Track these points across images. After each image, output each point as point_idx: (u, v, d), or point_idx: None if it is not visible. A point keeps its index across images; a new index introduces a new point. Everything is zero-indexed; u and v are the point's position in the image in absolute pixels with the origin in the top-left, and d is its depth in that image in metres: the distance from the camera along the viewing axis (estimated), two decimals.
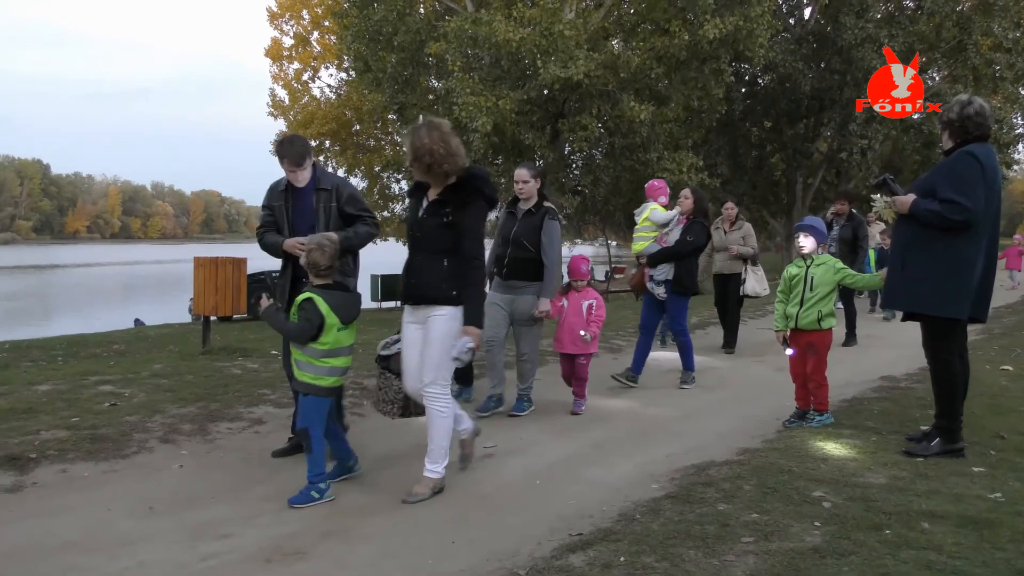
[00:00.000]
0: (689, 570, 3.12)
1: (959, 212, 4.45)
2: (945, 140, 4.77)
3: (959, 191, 4.47)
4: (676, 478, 4.46)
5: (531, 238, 6.17)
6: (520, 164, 6.44)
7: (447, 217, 4.30)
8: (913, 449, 4.75)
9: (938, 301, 4.58)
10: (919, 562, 3.10)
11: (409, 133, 4.34)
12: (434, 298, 4.34)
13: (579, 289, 6.38)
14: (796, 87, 25.00)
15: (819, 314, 5.49)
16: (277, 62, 34.40)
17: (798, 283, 5.59)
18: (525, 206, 6.31)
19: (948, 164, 4.64)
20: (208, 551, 3.73)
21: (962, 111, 4.65)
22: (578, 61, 17.94)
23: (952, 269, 4.53)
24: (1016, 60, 23.76)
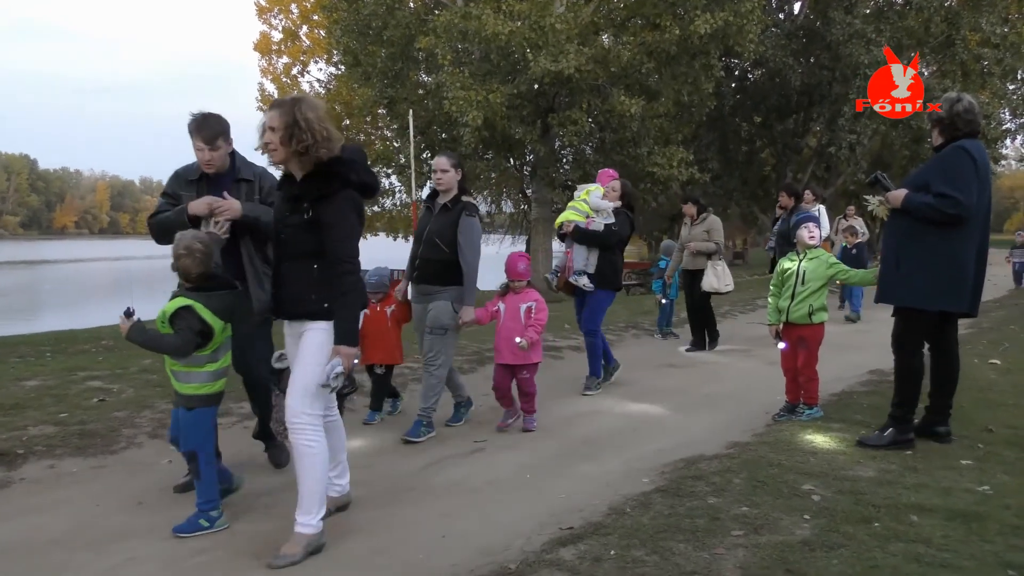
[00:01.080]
0: (679, 563, 3.13)
1: (953, 206, 4.49)
2: (935, 137, 4.82)
3: (953, 185, 4.50)
4: (666, 472, 4.47)
5: (445, 236, 5.47)
6: (440, 152, 5.81)
7: (308, 213, 3.57)
8: (866, 439, 4.83)
9: (933, 295, 4.61)
10: (908, 555, 3.12)
11: (281, 106, 3.56)
12: (305, 312, 3.65)
13: (517, 290, 5.74)
14: (786, 82, 25.05)
15: (810, 308, 5.47)
16: (266, 56, 34.26)
17: (790, 277, 5.59)
18: (443, 199, 5.64)
19: (941, 159, 4.68)
20: (198, 547, 3.72)
21: (952, 108, 4.70)
22: (568, 55, 17.91)
23: (946, 263, 4.57)
24: (1004, 56, 23.86)
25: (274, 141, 3.53)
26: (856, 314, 11.93)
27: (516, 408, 5.83)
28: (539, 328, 5.67)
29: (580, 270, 6.95)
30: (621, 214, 7.04)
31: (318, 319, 3.62)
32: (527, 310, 5.69)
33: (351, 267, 3.61)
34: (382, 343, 6.04)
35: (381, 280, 6.16)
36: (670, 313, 10.87)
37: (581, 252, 6.94)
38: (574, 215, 7.05)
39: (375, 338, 5.96)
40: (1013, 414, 5.47)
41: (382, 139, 31.31)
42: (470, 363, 8.04)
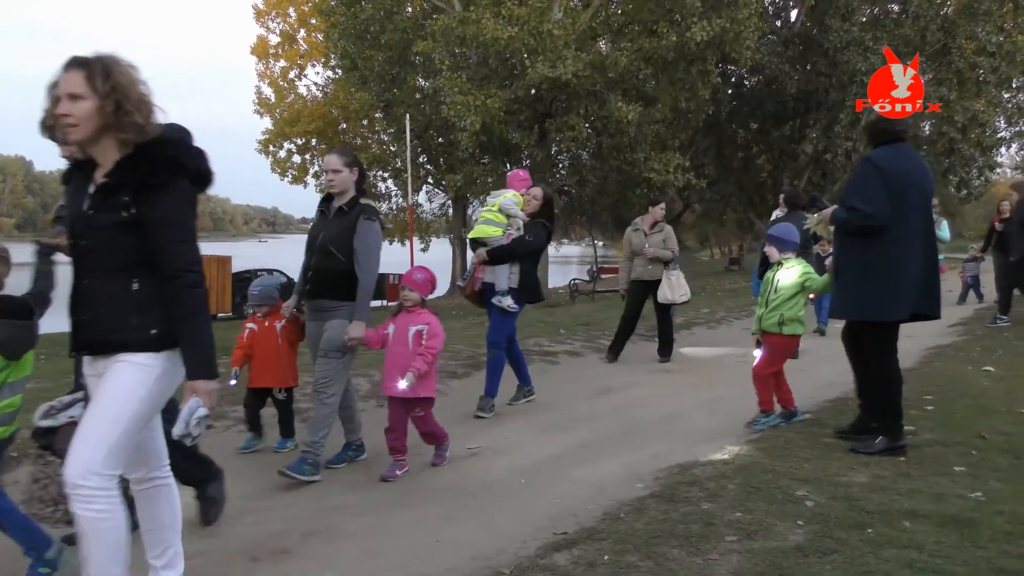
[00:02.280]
0: (673, 569, 3.13)
1: (860, 218, 4.67)
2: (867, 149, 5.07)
3: (858, 197, 4.71)
4: (661, 477, 4.48)
5: (341, 243, 4.78)
6: (333, 149, 5.06)
7: (127, 211, 2.67)
8: (858, 447, 4.82)
9: (871, 306, 4.73)
10: (901, 561, 3.12)
11: (86, 66, 2.63)
12: (120, 343, 2.72)
13: (409, 307, 4.82)
14: (782, 89, 25.14)
15: (781, 317, 5.48)
16: (263, 59, 34.31)
17: (768, 287, 5.65)
18: (339, 202, 4.94)
19: (855, 171, 4.96)
20: (192, 550, 3.70)
21: (867, 118, 5.01)
22: (566, 61, 17.97)
23: (878, 272, 4.66)
24: (999, 64, 23.97)
25: (76, 113, 2.61)
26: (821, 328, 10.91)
27: (406, 459, 4.86)
28: (429, 358, 4.65)
29: (504, 290, 6.32)
30: (537, 224, 6.47)
31: (137, 350, 2.71)
32: (416, 335, 4.71)
33: (196, 278, 2.71)
34: (274, 364, 5.30)
35: (266, 292, 5.43)
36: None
37: (503, 270, 6.33)
38: (492, 230, 6.38)
39: (265, 359, 5.30)
40: (1006, 421, 5.48)
41: (379, 143, 31.37)
42: (464, 368, 8.04)
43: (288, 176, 33.62)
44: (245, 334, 5.39)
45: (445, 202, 32.16)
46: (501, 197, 6.52)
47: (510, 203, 6.41)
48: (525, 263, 6.43)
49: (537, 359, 8.77)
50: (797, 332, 5.51)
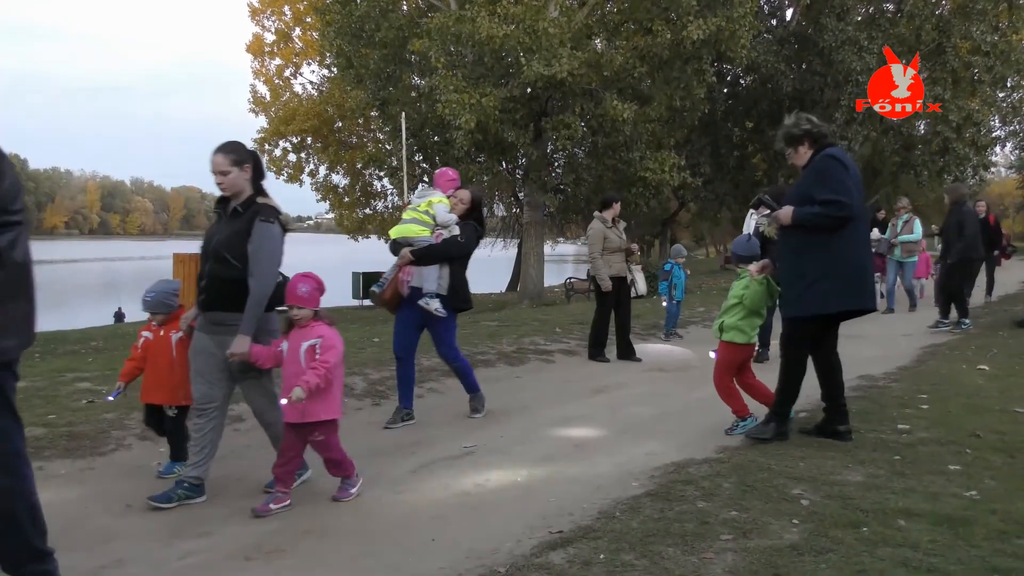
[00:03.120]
0: (668, 567, 3.13)
1: (839, 209, 4.76)
2: (802, 153, 5.08)
3: (834, 190, 4.78)
4: (656, 476, 4.48)
5: (235, 248, 4.30)
6: (217, 147, 4.44)
7: None
8: (753, 432, 5.14)
9: (842, 297, 4.89)
10: (895, 559, 3.13)
11: None
12: None
13: (300, 322, 4.28)
14: (778, 88, 25.16)
15: (722, 324, 5.52)
16: (258, 58, 34.20)
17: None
18: (236, 202, 4.45)
19: (815, 170, 4.95)
20: (187, 549, 3.71)
21: (811, 122, 5.08)
22: (561, 59, 17.94)
23: (849, 265, 4.86)
24: (994, 63, 24.02)
25: None
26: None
27: (288, 494, 4.29)
28: (321, 371, 4.13)
29: (432, 292, 5.93)
30: (469, 226, 6.14)
31: None
32: (309, 350, 4.21)
33: None
34: (167, 379, 4.73)
35: (160, 297, 4.82)
36: (676, 314, 10.87)
37: (431, 271, 5.95)
38: (419, 229, 5.99)
39: (157, 372, 4.76)
40: (1000, 419, 5.50)
41: (374, 141, 31.30)
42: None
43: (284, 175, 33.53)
44: (140, 343, 4.87)
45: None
46: (428, 199, 6.11)
47: (444, 211, 6.05)
48: (455, 266, 6.08)
49: (533, 357, 8.77)
50: (736, 340, 5.45)
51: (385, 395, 6.83)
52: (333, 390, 4.27)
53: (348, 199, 33.33)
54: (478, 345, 9.14)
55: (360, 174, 32.37)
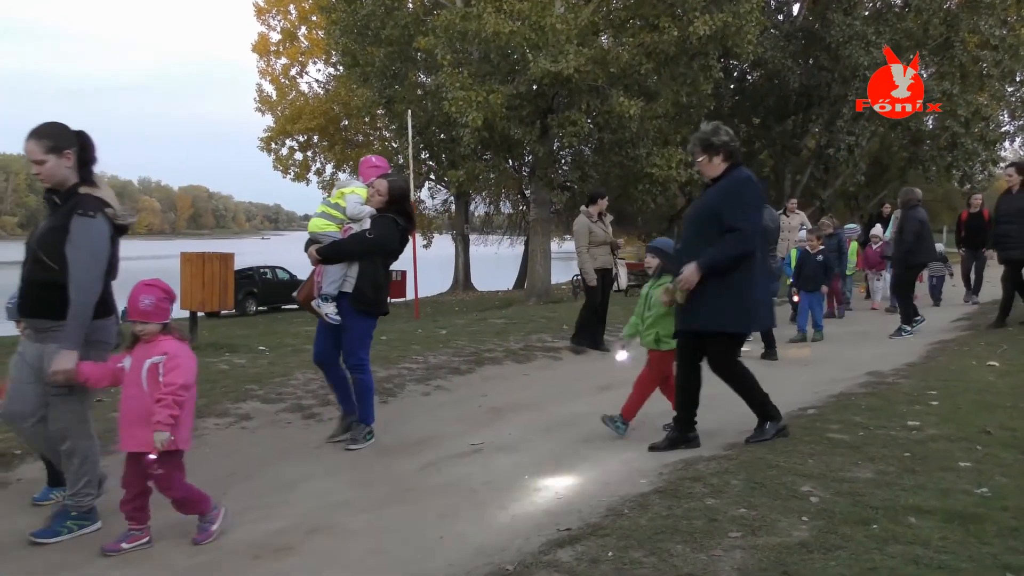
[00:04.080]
0: (677, 564, 3.12)
1: (745, 241, 4.63)
2: (716, 164, 4.81)
3: (745, 216, 4.64)
4: (664, 473, 4.46)
5: (50, 247, 3.77)
6: (29, 133, 3.87)
7: None
8: (752, 438, 5.01)
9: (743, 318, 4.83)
10: (906, 557, 3.11)
11: None
12: None
13: (146, 337, 3.70)
14: (784, 84, 25.08)
15: (657, 335, 5.36)
16: (264, 57, 34.30)
17: (643, 300, 5.53)
18: (60, 194, 3.89)
19: (732, 188, 4.74)
20: (196, 548, 3.71)
21: (730, 136, 4.84)
22: (568, 56, 17.92)
23: (750, 284, 4.73)
24: (1003, 58, 23.88)
25: None
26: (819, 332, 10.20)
27: (144, 529, 3.80)
28: (168, 401, 3.57)
29: (327, 293, 5.36)
30: (386, 220, 5.42)
31: None
32: (152, 370, 3.64)
33: None
34: None
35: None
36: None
37: (336, 269, 5.38)
38: (326, 224, 5.50)
39: None
40: (1011, 416, 5.46)
41: (381, 140, 31.38)
42: (468, 363, 8.02)
43: (290, 173, 33.64)
44: None
45: (447, 198, 32.18)
46: (340, 193, 5.60)
47: (355, 203, 5.47)
48: (367, 265, 5.37)
49: (540, 355, 8.76)
50: (673, 347, 5.33)
51: (392, 392, 6.83)
52: (183, 419, 3.68)
53: None
54: (485, 342, 9.14)
55: None
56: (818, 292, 10.05)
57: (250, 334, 12.17)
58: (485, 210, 34.94)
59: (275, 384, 6.87)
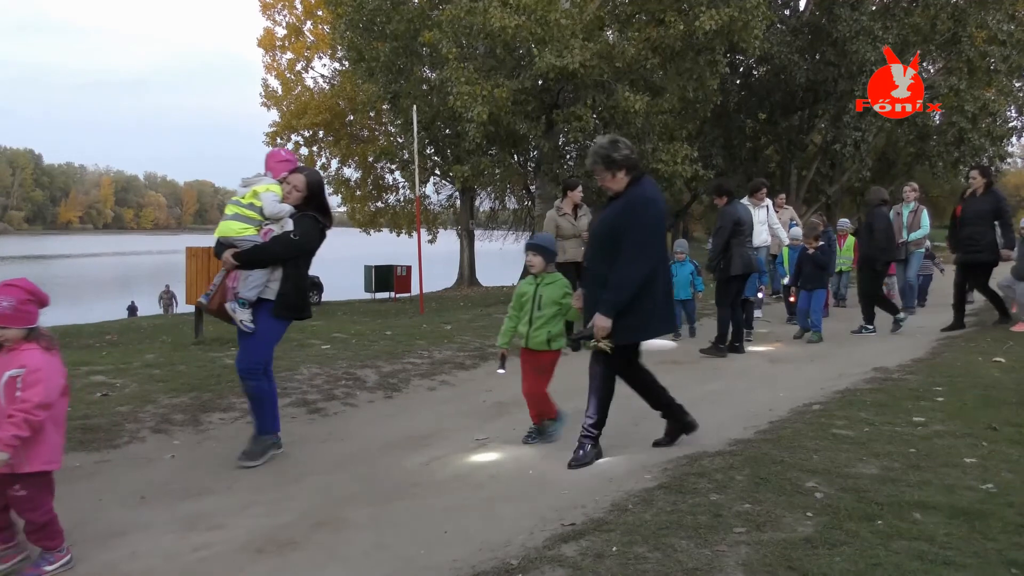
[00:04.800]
0: (681, 560, 3.12)
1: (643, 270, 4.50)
2: (619, 179, 4.65)
3: (644, 242, 4.52)
4: (669, 468, 4.46)
5: None
6: None
7: None
8: (574, 460, 4.80)
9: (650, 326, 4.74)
10: (911, 552, 3.10)
11: None
12: None
13: (8, 346, 3.40)
14: (791, 79, 25.00)
15: (548, 335, 5.22)
16: (270, 52, 34.29)
17: (527, 302, 5.27)
18: None
19: (635, 208, 4.58)
20: (200, 541, 3.72)
21: (630, 149, 4.69)
22: (573, 50, 17.90)
23: (652, 295, 4.64)
24: (1010, 53, 23.77)
25: None
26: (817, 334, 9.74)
27: (13, 545, 3.55)
28: (19, 419, 3.24)
29: (245, 298, 4.90)
30: (306, 218, 5.04)
31: None
32: (8, 383, 3.32)
33: None
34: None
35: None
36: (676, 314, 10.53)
37: (259, 274, 4.94)
38: (242, 227, 4.97)
39: None
40: (1017, 412, 5.44)
41: (386, 135, 31.38)
42: (472, 359, 8.03)
43: None
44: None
45: (452, 193, 32.17)
46: (253, 188, 5.06)
47: (272, 202, 5.00)
48: (291, 269, 5.00)
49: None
50: (562, 346, 5.32)
51: (397, 388, 6.84)
52: (45, 435, 3.37)
53: (360, 193, 33.41)
54: (490, 338, 9.14)
55: (372, 167, 32.45)
56: (818, 291, 9.85)
57: None
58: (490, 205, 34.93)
59: (280, 379, 6.87)
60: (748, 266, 8.73)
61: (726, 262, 8.68)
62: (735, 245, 8.69)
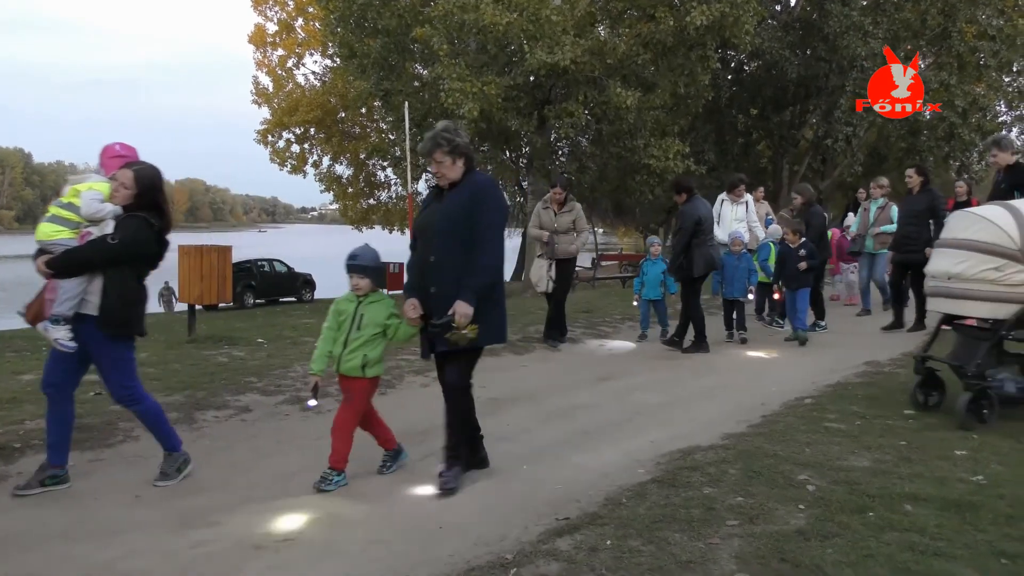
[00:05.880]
0: (675, 553, 3.14)
1: (500, 253, 4.39)
2: (459, 166, 4.36)
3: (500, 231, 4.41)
4: (662, 463, 4.49)
5: None
6: None
7: None
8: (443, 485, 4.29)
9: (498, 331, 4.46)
10: (902, 544, 3.14)
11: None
12: None
13: None
14: (782, 74, 25.02)
15: (364, 359, 4.49)
16: (261, 48, 34.13)
17: (345, 320, 4.59)
18: None
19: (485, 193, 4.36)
20: (197, 538, 3.73)
21: (467, 138, 4.46)
22: (564, 47, 17.89)
23: (497, 299, 4.45)
24: (1000, 48, 23.84)
25: None
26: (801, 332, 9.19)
27: None
28: None
29: (58, 314, 4.27)
30: (133, 220, 4.36)
31: None
32: None
33: None
34: None
35: None
36: (646, 314, 9.80)
37: (72, 285, 4.30)
38: (55, 230, 4.42)
39: None
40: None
41: (378, 131, 31.28)
42: None
43: (287, 166, 33.49)
44: None
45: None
46: (73, 190, 4.53)
47: (92, 201, 4.45)
48: (113, 278, 4.33)
49: (538, 346, 8.78)
50: (379, 373, 4.65)
51: (391, 384, 6.85)
52: None
53: (352, 190, 33.31)
54: None
55: (364, 164, 32.35)
56: (802, 290, 9.27)
57: (248, 327, 12.19)
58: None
59: (274, 376, 6.89)
60: (710, 265, 8.58)
61: (688, 262, 8.53)
62: (696, 245, 8.51)
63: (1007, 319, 5.10)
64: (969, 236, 5.19)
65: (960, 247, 5.23)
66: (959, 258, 5.19)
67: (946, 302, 5.40)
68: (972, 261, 5.10)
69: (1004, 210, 5.19)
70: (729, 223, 10.46)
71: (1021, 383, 5.33)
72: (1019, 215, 5.05)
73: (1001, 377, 5.29)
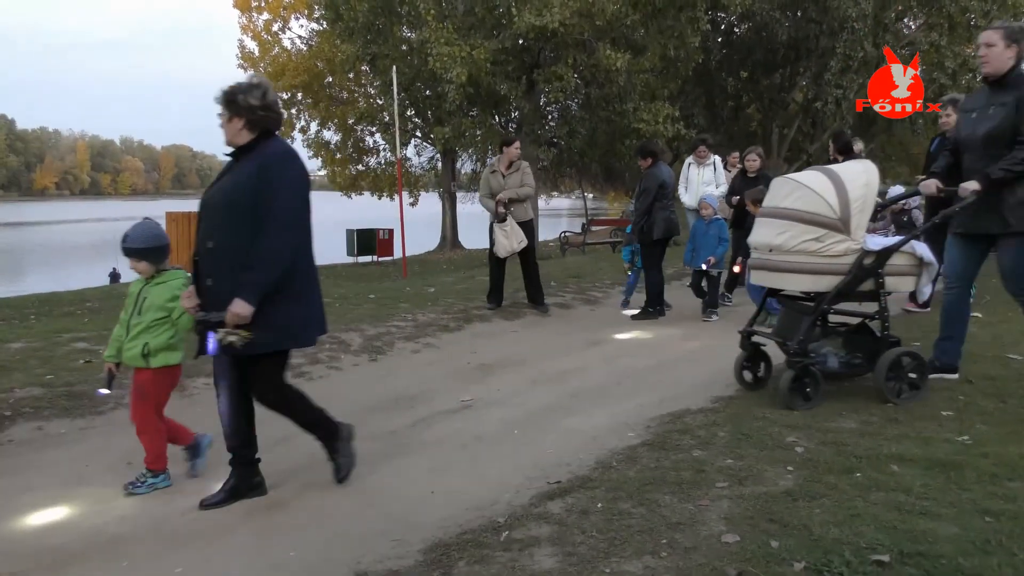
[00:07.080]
0: (665, 515, 3.18)
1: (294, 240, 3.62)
2: (235, 127, 3.64)
3: (295, 214, 3.60)
4: (652, 426, 4.52)
5: None
6: None
7: None
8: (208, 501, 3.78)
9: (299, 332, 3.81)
10: (888, 503, 3.18)
11: None
12: None
13: None
14: (772, 36, 24.86)
15: (145, 348, 3.97)
16: (246, 12, 33.63)
17: (130, 304, 4.11)
18: None
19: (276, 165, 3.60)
20: (188, 504, 3.75)
21: (267, 100, 3.65)
22: (553, 9, 17.71)
23: (306, 295, 3.77)
24: (991, 8, 23.71)
25: None
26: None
27: None
28: None
29: None
30: None
31: None
32: None
33: None
34: None
35: None
36: (632, 284, 9.33)
37: None
38: None
39: None
40: (992, 365, 5.54)
41: (365, 96, 30.99)
42: (457, 321, 8.04)
43: None
44: None
45: (434, 155, 31.90)
46: None
47: None
48: None
49: (528, 312, 8.79)
50: (171, 362, 4.07)
51: (381, 350, 6.86)
52: None
53: (340, 156, 33.04)
54: (474, 300, 9.15)
55: (352, 130, 32.06)
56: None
57: None
58: (472, 167, 34.71)
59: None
60: (670, 230, 8.47)
61: (648, 226, 8.43)
62: (658, 209, 8.40)
63: (828, 291, 4.77)
64: (789, 205, 4.83)
65: (781, 216, 4.85)
66: (779, 228, 4.81)
67: (769, 275, 4.99)
68: (793, 231, 4.73)
69: (824, 176, 4.84)
70: (697, 186, 10.17)
71: (844, 358, 5.10)
72: (839, 181, 4.73)
73: (824, 352, 5.03)
